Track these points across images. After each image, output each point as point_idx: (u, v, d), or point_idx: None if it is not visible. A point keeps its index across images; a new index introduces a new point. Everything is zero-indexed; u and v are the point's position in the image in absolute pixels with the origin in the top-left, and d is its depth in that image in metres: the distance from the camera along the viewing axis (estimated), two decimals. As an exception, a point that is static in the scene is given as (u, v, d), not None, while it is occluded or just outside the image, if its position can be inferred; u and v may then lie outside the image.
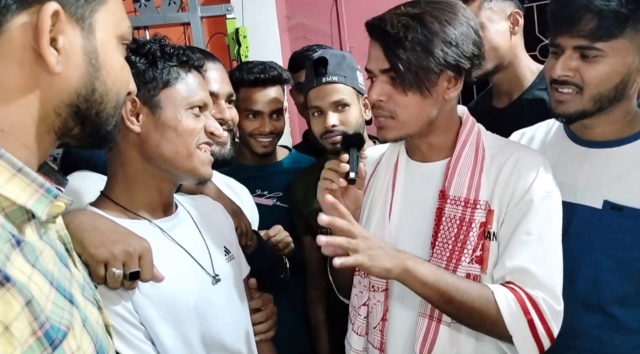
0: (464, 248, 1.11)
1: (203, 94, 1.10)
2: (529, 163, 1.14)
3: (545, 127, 1.42)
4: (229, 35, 2.92)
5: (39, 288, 0.61)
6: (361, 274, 1.23)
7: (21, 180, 0.62)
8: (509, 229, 1.11)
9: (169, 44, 1.09)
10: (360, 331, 1.22)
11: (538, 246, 1.09)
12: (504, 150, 1.18)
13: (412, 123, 1.15)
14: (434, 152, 1.21)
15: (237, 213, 1.38)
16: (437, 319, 1.12)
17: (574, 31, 1.18)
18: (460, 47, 1.10)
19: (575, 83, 1.22)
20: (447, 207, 1.14)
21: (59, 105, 0.66)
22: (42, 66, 0.63)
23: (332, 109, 1.65)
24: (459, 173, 1.15)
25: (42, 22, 0.61)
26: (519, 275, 1.08)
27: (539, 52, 2.82)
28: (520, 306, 1.05)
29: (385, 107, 1.15)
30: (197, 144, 1.07)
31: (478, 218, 1.12)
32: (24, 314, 0.57)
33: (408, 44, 1.08)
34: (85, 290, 0.77)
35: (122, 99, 0.74)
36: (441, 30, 1.09)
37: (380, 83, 1.14)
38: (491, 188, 1.14)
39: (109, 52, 0.70)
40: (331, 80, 1.64)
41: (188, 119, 1.06)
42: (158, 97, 1.04)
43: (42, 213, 0.64)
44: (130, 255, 0.95)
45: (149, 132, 1.04)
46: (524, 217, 1.10)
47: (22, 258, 0.60)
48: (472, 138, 1.18)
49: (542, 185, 1.12)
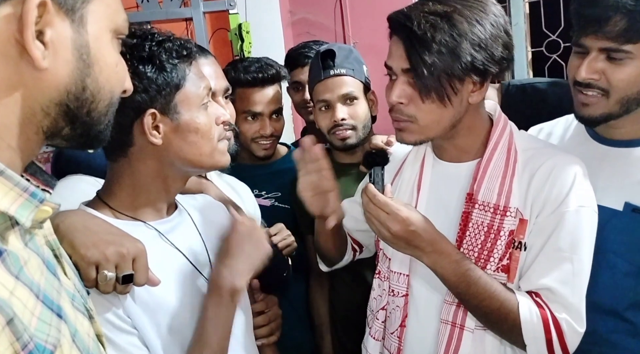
0: (490, 257, 1.07)
1: (206, 81, 1.04)
2: (565, 171, 1.08)
3: (564, 123, 1.38)
4: (232, 31, 2.88)
5: (23, 303, 0.56)
6: (381, 277, 1.21)
7: (2, 184, 0.57)
8: (538, 241, 1.07)
9: (164, 38, 1.01)
10: (378, 336, 1.20)
11: (569, 266, 1.05)
12: (539, 154, 1.12)
13: (433, 128, 1.09)
14: (462, 153, 1.16)
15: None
16: (460, 327, 1.08)
17: (600, 32, 1.13)
18: (489, 50, 1.03)
19: (600, 88, 1.17)
20: (475, 212, 1.09)
21: (47, 104, 0.61)
22: (28, 61, 0.58)
23: (340, 102, 1.60)
24: (489, 176, 1.09)
25: (26, 13, 0.56)
26: (547, 293, 1.05)
27: (545, 48, 2.78)
28: (543, 324, 1.03)
29: (405, 111, 1.09)
30: (219, 139, 1.03)
31: (507, 226, 1.07)
32: (5, 335, 0.52)
33: (435, 46, 1.00)
34: (75, 299, 0.72)
35: (116, 97, 0.69)
36: (470, 31, 1.01)
37: (401, 84, 1.08)
38: (523, 194, 1.08)
39: (101, 47, 0.64)
40: (339, 72, 1.60)
41: (203, 116, 1.01)
42: (174, 102, 0.98)
43: (26, 219, 0.59)
44: (123, 257, 0.89)
45: (170, 141, 0.99)
46: (555, 231, 1.05)
47: (4, 270, 0.55)
48: (504, 139, 1.12)
49: (577, 197, 1.07)
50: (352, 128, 1.62)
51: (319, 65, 1.62)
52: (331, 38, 2.95)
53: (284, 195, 1.82)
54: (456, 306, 1.09)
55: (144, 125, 0.96)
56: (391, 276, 1.17)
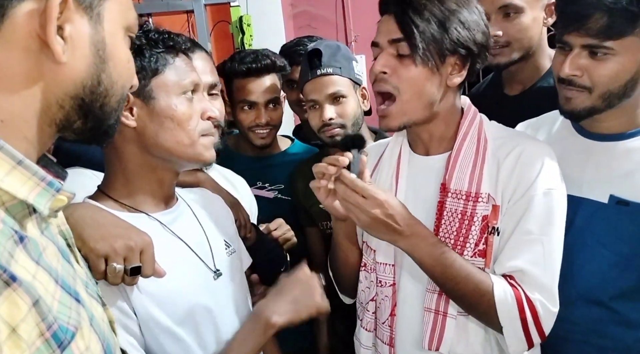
0: (466, 242, 1.10)
1: (193, 75, 1.06)
2: (533, 157, 1.12)
3: (551, 118, 1.40)
4: (233, 23, 2.90)
5: (44, 286, 0.59)
6: (367, 269, 1.23)
7: (21, 173, 0.60)
8: (509, 226, 1.10)
9: (152, 29, 1.06)
10: (369, 327, 1.22)
11: (539, 247, 1.08)
12: (508, 141, 1.16)
13: (414, 104, 1.12)
14: (436, 143, 1.20)
15: (235, 205, 1.37)
16: (443, 314, 1.11)
17: (582, 29, 1.16)
18: (471, 32, 1.11)
19: (582, 85, 1.20)
20: (449, 201, 1.12)
21: (63, 97, 0.64)
22: (47, 55, 0.60)
23: (328, 102, 1.62)
24: (460, 165, 1.13)
25: (50, 9, 0.59)
26: (519, 274, 1.08)
27: (547, 42, 2.79)
28: (517, 304, 1.06)
29: (388, 80, 1.13)
30: (200, 133, 1.05)
31: (480, 211, 1.10)
32: (31, 315, 0.54)
33: (427, 13, 1.09)
34: (88, 286, 0.75)
35: (126, 92, 0.72)
36: (457, 11, 1.11)
37: (386, 55, 1.13)
38: (494, 181, 1.12)
39: (116, 43, 0.67)
40: (326, 72, 1.61)
41: (182, 105, 1.03)
42: (149, 87, 1.01)
43: (44, 207, 0.62)
44: (131, 250, 0.93)
45: (145, 125, 1.01)
46: (525, 215, 1.09)
47: (26, 255, 0.58)
48: (474, 129, 1.17)
49: (545, 180, 1.10)
50: (340, 127, 1.63)
51: (307, 64, 1.64)
52: (332, 31, 2.96)
53: (287, 187, 1.85)
54: (437, 294, 1.12)
55: None
56: (377, 268, 1.20)
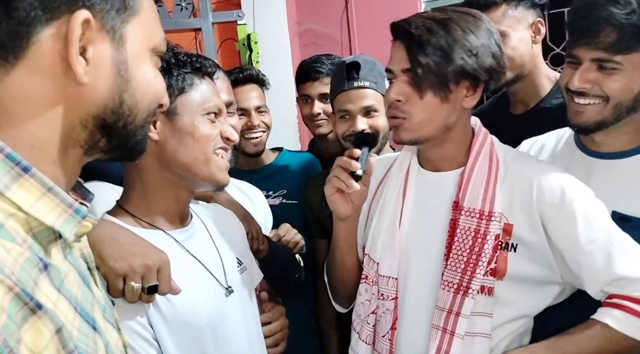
0: (479, 260, 1.11)
1: (217, 100, 1.11)
2: (548, 176, 1.14)
3: (555, 136, 1.43)
4: (240, 41, 2.94)
5: (64, 314, 0.59)
6: (368, 282, 1.23)
7: (51, 199, 0.61)
8: (566, 245, 1.10)
9: (181, 51, 1.10)
10: (369, 340, 1.23)
11: (610, 249, 1.08)
12: (517, 162, 1.19)
13: (426, 126, 1.15)
14: (447, 162, 1.21)
15: (247, 218, 1.39)
16: (451, 333, 1.11)
17: (592, 43, 1.18)
18: (479, 58, 1.11)
19: (597, 95, 1.22)
20: (462, 219, 1.13)
21: (86, 118, 0.64)
22: (70, 77, 0.61)
23: (361, 114, 1.64)
24: (474, 184, 1.15)
25: (72, 30, 0.60)
26: (617, 283, 1.08)
27: (550, 61, 2.82)
28: (633, 314, 1.06)
29: (401, 108, 1.15)
30: (214, 149, 1.08)
31: (493, 230, 1.12)
32: (53, 343, 0.55)
33: (429, 47, 1.09)
34: (106, 311, 0.76)
35: (152, 111, 0.72)
36: (463, 38, 1.10)
37: (400, 83, 1.15)
38: (507, 200, 1.14)
39: (140, 64, 0.68)
40: (362, 85, 1.63)
41: (204, 125, 1.07)
42: (174, 104, 1.05)
43: (69, 234, 0.63)
44: (149, 269, 0.95)
45: (166, 139, 1.05)
46: (576, 228, 1.09)
47: (49, 283, 0.59)
48: (486, 148, 1.18)
49: (572, 190, 1.12)
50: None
51: (343, 75, 1.66)
52: (337, 49, 3.00)
53: (290, 191, 1.89)
54: (447, 312, 1.13)
55: None
56: (380, 280, 1.21)
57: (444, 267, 1.14)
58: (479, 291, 1.12)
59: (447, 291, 1.12)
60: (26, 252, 0.56)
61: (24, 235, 0.58)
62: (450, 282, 1.12)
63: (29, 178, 0.59)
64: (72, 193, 0.69)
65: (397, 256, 1.20)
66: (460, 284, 1.11)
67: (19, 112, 0.61)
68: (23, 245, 0.57)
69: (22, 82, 0.60)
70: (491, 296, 1.12)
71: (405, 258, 1.20)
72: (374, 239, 1.24)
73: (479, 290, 1.11)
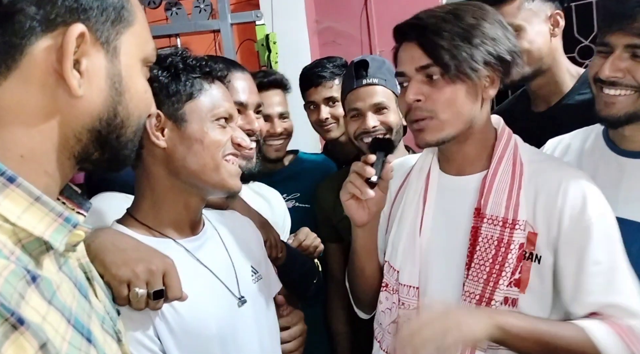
0: (502, 271, 1.06)
1: (228, 105, 1.08)
2: (574, 184, 1.08)
3: (582, 135, 1.37)
4: (259, 42, 2.92)
5: (54, 328, 0.58)
6: (389, 290, 1.20)
7: (39, 209, 0.60)
8: (571, 261, 1.06)
9: (190, 55, 1.07)
10: (390, 350, 1.19)
11: (612, 275, 1.05)
12: (544, 166, 1.13)
13: (453, 121, 1.10)
14: (469, 164, 1.16)
15: (265, 225, 1.36)
16: (474, 346, 1.07)
17: (627, 29, 1.13)
18: (497, 43, 1.08)
19: (628, 84, 1.16)
20: (484, 227, 1.08)
21: (80, 130, 0.64)
22: (64, 89, 0.61)
23: (371, 111, 1.62)
24: (496, 190, 1.09)
25: (67, 44, 0.60)
26: (608, 310, 1.05)
27: (577, 54, 2.74)
28: (621, 339, 1.02)
29: (423, 107, 1.10)
30: (224, 155, 1.05)
31: (517, 239, 1.06)
32: None
33: (446, 33, 1.06)
34: (105, 321, 0.75)
35: (142, 122, 0.73)
36: (478, 24, 1.07)
37: (415, 83, 1.10)
38: (531, 208, 1.08)
39: (132, 75, 0.68)
40: (371, 82, 1.63)
41: (214, 131, 1.04)
42: (182, 110, 1.02)
43: (59, 243, 0.62)
44: (153, 273, 0.93)
45: (175, 147, 1.02)
46: (587, 246, 1.05)
47: (38, 296, 0.57)
48: (509, 151, 1.13)
49: (595, 206, 1.07)
50: (385, 134, 1.63)
51: (352, 74, 1.65)
52: (357, 47, 2.96)
53: (303, 194, 1.87)
54: None
55: (147, 125, 0.99)
56: (400, 289, 1.17)
57: (465, 277, 1.09)
58: (502, 303, 1.07)
59: (469, 302, 1.08)
60: (11, 265, 0.55)
61: (12, 247, 0.58)
62: (471, 293, 1.08)
63: (15, 189, 0.59)
64: (68, 202, 0.69)
65: (417, 265, 1.15)
66: (482, 295, 1.06)
67: (10, 122, 0.61)
68: (10, 257, 0.56)
69: (13, 92, 0.61)
70: (515, 307, 1.07)
71: (426, 266, 1.16)
72: (394, 246, 1.20)
73: (502, 302, 1.07)
